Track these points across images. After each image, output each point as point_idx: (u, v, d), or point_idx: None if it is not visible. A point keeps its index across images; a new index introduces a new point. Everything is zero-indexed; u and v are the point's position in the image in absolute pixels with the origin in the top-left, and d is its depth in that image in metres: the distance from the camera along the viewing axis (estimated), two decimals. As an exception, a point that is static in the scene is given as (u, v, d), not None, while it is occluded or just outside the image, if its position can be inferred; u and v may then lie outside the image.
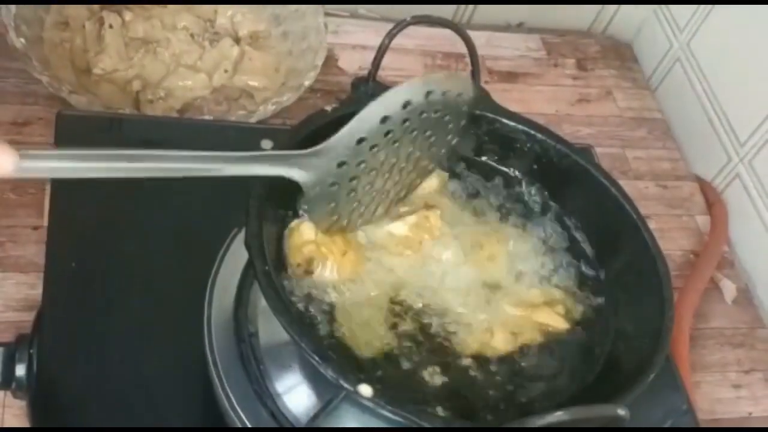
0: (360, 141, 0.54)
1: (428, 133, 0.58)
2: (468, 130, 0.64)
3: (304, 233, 0.57)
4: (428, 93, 0.55)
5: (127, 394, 0.62)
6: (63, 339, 0.63)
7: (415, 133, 0.57)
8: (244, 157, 0.52)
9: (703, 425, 0.73)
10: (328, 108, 0.63)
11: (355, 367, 0.53)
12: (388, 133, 0.55)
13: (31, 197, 0.75)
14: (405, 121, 0.55)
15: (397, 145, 0.56)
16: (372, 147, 0.55)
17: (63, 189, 0.71)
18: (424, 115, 0.56)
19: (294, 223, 0.58)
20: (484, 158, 0.68)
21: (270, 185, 0.57)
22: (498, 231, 0.64)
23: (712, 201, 0.96)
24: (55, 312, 0.64)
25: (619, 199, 0.64)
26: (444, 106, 0.57)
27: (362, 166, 0.56)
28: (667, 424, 0.71)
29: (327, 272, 0.57)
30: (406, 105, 0.55)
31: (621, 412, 0.44)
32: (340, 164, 0.54)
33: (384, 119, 0.54)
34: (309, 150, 0.54)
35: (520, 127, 0.67)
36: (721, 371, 0.82)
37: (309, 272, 0.57)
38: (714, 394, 0.81)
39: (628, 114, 1.03)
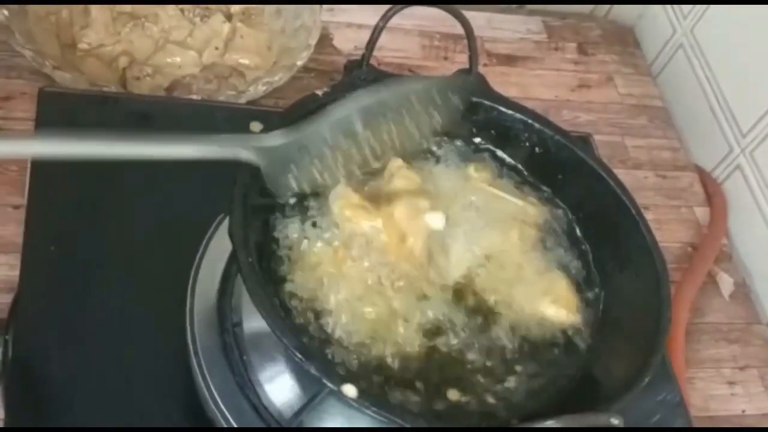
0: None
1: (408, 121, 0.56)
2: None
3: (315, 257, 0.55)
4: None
5: (105, 382, 0.60)
6: (40, 326, 0.61)
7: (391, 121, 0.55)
8: (192, 140, 0.50)
9: (696, 422, 0.72)
10: (319, 92, 0.61)
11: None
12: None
13: (13, 175, 0.73)
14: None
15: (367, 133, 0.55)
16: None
17: (44, 168, 0.68)
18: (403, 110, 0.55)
19: (305, 246, 0.56)
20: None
21: (257, 172, 0.55)
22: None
23: (712, 192, 0.94)
24: (32, 298, 0.62)
25: (618, 194, 0.62)
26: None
27: (326, 149, 0.54)
28: (656, 418, 0.70)
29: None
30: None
31: (614, 421, 0.42)
32: (301, 148, 0.53)
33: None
34: (265, 134, 0.53)
35: (518, 116, 0.65)
36: (715, 367, 0.81)
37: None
38: (708, 390, 0.79)
39: (629, 101, 1.00)
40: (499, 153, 0.66)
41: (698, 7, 0.98)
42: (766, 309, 0.87)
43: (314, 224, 0.57)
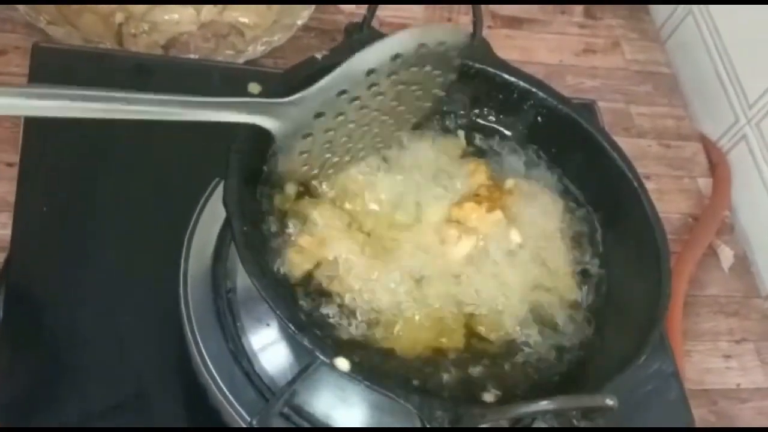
0: (341, 93, 0.51)
1: (414, 87, 0.55)
2: (460, 85, 0.61)
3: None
4: (420, 46, 0.52)
5: (98, 346, 0.60)
6: (32, 287, 0.60)
7: (401, 86, 0.54)
8: (212, 103, 0.48)
9: (690, 395, 0.72)
10: (319, 55, 0.59)
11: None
12: (372, 86, 0.52)
13: (7, 132, 0.72)
14: (392, 74, 0.52)
15: (380, 98, 0.53)
16: (353, 99, 0.52)
17: (37, 126, 0.67)
18: (414, 69, 0.53)
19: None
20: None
21: (253, 138, 0.54)
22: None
23: (716, 162, 0.92)
24: (23, 259, 0.61)
25: (620, 163, 0.61)
26: (435, 59, 0.54)
27: (341, 118, 0.52)
28: (649, 387, 0.70)
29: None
30: (395, 58, 0.51)
31: (609, 402, 0.42)
32: (318, 115, 0.51)
33: (370, 72, 0.51)
34: (285, 99, 0.50)
35: (521, 83, 0.64)
36: (712, 340, 0.81)
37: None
38: (703, 363, 0.79)
39: (635, 67, 0.99)
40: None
41: (710, -29, 0.96)
42: (766, 283, 0.86)
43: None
